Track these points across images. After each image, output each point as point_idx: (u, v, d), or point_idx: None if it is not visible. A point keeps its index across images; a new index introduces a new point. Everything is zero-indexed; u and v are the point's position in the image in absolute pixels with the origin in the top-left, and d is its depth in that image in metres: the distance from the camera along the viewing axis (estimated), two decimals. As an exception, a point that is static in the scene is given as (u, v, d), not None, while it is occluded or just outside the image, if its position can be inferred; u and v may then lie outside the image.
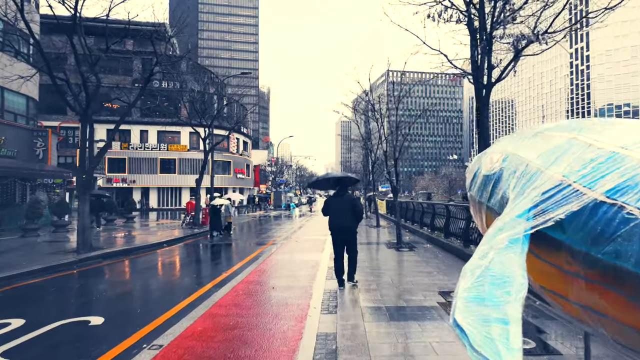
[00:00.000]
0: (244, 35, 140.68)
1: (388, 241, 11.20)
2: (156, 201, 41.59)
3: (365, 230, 15.11)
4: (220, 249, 12.00)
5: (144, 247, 11.82)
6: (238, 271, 7.54)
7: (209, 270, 8.46)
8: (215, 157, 44.36)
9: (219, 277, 7.15)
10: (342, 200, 6.03)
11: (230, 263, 8.53)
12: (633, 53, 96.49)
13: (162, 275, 8.02)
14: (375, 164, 16.07)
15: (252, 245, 12.14)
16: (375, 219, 19.99)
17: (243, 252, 10.74)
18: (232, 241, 13.92)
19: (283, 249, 10.54)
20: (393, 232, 13.89)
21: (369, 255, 9.07)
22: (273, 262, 8.47)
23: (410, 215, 14.62)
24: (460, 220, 8.75)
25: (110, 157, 40.28)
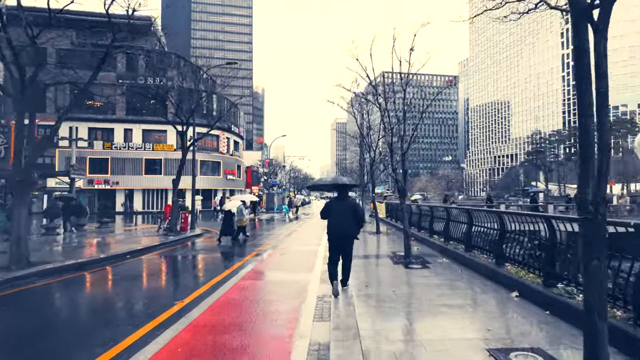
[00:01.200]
0: (237, 35, 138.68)
1: (393, 253, 9.23)
2: (141, 203, 39.36)
3: (363, 237, 13.13)
4: (188, 263, 9.97)
5: (99, 260, 9.74)
6: (189, 307, 5.42)
7: (149, 303, 6.16)
8: (204, 157, 42.36)
9: (147, 326, 5.08)
10: (343, 205, 5.86)
11: (187, 290, 6.47)
12: (631, 53, 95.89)
13: (87, 309, 5.94)
14: (374, 163, 14.12)
15: (228, 258, 10.12)
16: (373, 224, 18.03)
17: (213, 269, 8.73)
18: (208, 251, 11.90)
19: (264, 266, 8.53)
20: (397, 240, 11.94)
21: (369, 274, 7.11)
22: (244, 290, 6.37)
23: (416, 221, 12.68)
24: (490, 231, 6.80)
25: (92, 158, 38.05)
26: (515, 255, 5.86)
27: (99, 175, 37.99)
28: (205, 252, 11.66)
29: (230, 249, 12.37)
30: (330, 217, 5.82)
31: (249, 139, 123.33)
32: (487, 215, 6.98)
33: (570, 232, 4.69)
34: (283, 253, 10.27)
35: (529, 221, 5.71)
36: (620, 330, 3.20)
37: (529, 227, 5.72)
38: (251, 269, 8.13)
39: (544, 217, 5.00)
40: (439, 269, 7.19)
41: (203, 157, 41.02)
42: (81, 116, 37.83)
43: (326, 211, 5.92)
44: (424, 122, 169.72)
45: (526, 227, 5.83)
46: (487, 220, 6.99)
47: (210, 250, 12.12)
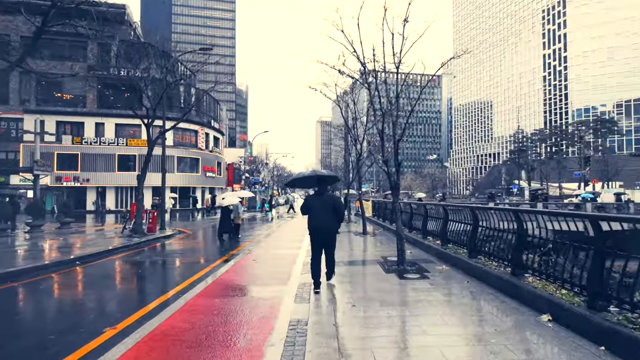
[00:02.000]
0: (220, 29, 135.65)
1: (383, 258, 7.97)
2: (114, 202, 37.20)
3: (348, 239, 11.86)
4: (143, 272, 8.48)
5: (33, 269, 8.16)
6: (118, 338, 4.05)
7: (72, 329, 4.76)
8: (181, 153, 40.42)
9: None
10: (322, 200, 5.75)
11: (126, 311, 5.06)
12: (609, 54, 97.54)
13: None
14: (360, 157, 12.85)
15: (192, 265, 8.70)
16: (359, 224, 16.79)
17: (170, 280, 7.34)
18: (173, 255, 10.43)
19: (230, 277, 7.13)
20: (386, 242, 10.70)
21: (356, 287, 5.81)
22: (195, 313, 4.90)
23: (407, 220, 11.45)
24: (503, 234, 5.59)
25: (60, 153, 35.71)
26: (541, 265, 4.65)
27: (68, 172, 35.69)
28: (168, 257, 10.18)
29: (197, 252, 10.92)
30: (311, 212, 5.72)
31: (232, 136, 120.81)
32: (499, 214, 5.76)
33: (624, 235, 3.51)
34: (256, 259, 8.87)
35: (556, 221, 4.50)
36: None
37: (554, 230, 4.52)
38: (214, 280, 6.74)
39: (592, 217, 3.78)
40: (441, 280, 5.95)
41: (180, 153, 39.13)
42: (48, 109, 35.43)
43: (306, 207, 5.81)
44: (408, 121, 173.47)
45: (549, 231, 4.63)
46: (498, 220, 5.78)
47: (176, 255, 10.65)
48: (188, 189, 40.48)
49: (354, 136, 13.07)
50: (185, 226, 20.84)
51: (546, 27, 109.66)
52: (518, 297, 4.67)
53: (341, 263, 7.55)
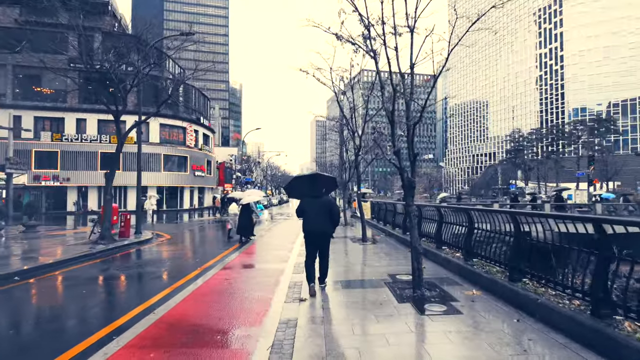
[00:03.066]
0: (213, 27, 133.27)
1: (391, 277, 6.27)
2: (97, 202, 35.14)
3: (345, 247, 10.16)
4: (91, 292, 6.70)
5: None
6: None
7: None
8: (168, 151, 38.44)
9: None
10: (318, 202, 5.65)
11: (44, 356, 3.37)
12: (605, 54, 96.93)
13: None
14: (359, 152, 11.14)
15: (148, 285, 6.96)
16: (357, 227, 15.10)
17: (121, 304, 5.60)
18: (136, 269, 8.67)
19: (191, 304, 5.40)
20: (392, 252, 9.01)
21: (356, 331, 4.08)
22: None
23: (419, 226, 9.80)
24: (579, 253, 3.91)
25: (38, 150, 33.62)
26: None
27: (47, 170, 33.62)
28: (128, 271, 8.41)
29: (165, 265, 9.16)
30: (306, 215, 5.64)
31: (225, 135, 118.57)
32: (566, 222, 4.09)
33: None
34: (228, 279, 7.09)
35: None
36: None
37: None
38: (171, 309, 5.01)
39: None
40: (481, 318, 4.24)
41: (167, 151, 37.18)
42: (26, 104, 33.33)
43: (301, 209, 5.71)
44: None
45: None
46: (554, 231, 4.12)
47: (139, 268, 8.88)
48: (176, 188, 38.54)
49: (351, 128, 11.38)
50: (168, 229, 19.04)
51: (542, 26, 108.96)
52: (616, 356, 3.00)
53: (337, 284, 5.86)
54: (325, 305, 4.83)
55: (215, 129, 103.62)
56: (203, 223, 23.57)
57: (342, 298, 5.17)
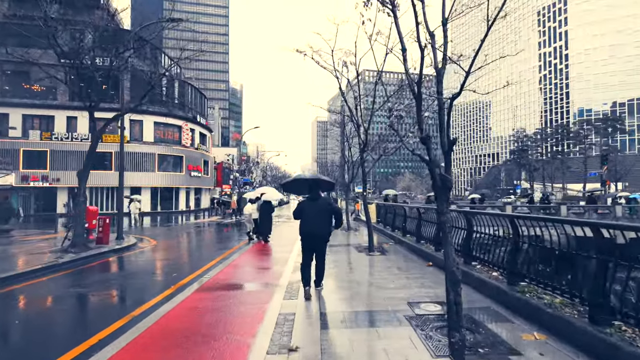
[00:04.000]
0: (213, 26, 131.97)
1: (412, 309, 4.78)
2: (88, 204, 33.61)
3: (348, 259, 8.66)
4: (33, 317, 5.21)
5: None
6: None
7: None
8: (163, 150, 36.90)
9: None
10: (316, 205, 5.63)
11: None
12: (611, 52, 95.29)
13: None
14: (365, 147, 9.62)
15: (97, 313, 5.49)
16: (360, 232, 13.59)
17: (63, 337, 4.11)
18: (102, 286, 7.15)
19: (152, 339, 3.92)
20: (408, 267, 7.45)
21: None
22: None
23: (431, 234, 8.28)
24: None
25: (27, 150, 32.19)
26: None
27: (36, 170, 32.19)
28: (86, 289, 6.91)
29: (138, 280, 7.67)
30: (303, 217, 5.60)
31: (225, 135, 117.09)
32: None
33: None
34: (200, 307, 5.52)
35: None
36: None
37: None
38: (126, 344, 3.53)
39: None
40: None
41: (162, 151, 35.71)
42: (13, 101, 31.89)
43: (299, 211, 5.65)
44: (405, 121, 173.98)
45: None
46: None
47: (103, 284, 7.37)
48: (171, 189, 37.06)
49: (356, 122, 9.87)
50: (157, 234, 17.55)
51: (546, 24, 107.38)
52: None
53: (339, 318, 4.36)
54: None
55: (215, 129, 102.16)
56: (198, 226, 22.08)
57: (345, 348, 3.64)
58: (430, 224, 8.39)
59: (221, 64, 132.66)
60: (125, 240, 14.28)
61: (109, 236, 13.34)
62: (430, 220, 8.45)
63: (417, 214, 9.28)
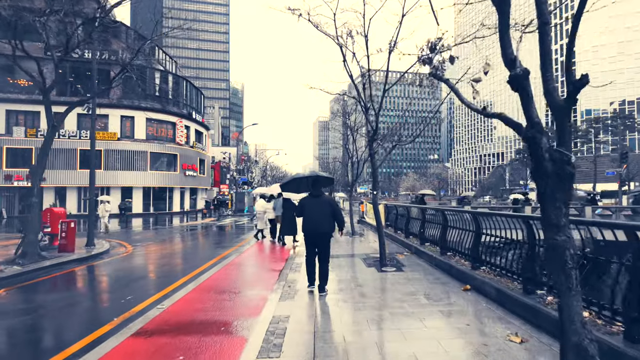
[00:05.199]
0: (213, 24, 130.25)
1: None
2: (75, 204, 31.88)
3: (352, 276, 6.75)
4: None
5: None
6: None
7: None
8: (156, 148, 34.97)
9: None
10: (318, 202, 5.60)
11: None
12: (619, 49, 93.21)
13: None
14: (376, 134, 7.71)
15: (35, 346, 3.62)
16: (366, 238, 11.64)
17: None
18: (30, 318, 5.26)
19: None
20: (438, 293, 5.41)
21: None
22: None
23: (454, 239, 6.36)
24: None
25: (11, 148, 30.41)
26: None
27: (20, 169, 30.35)
28: (13, 318, 5.03)
29: (82, 301, 5.73)
30: (305, 214, 5.56)
31: (226, 135, 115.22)
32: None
33: None
34: (148, 349, 3.68)
35: None
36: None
37: None
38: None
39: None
40: None
41: (155, 149, 33.85)
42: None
43: (300, 209, 5.65)
44: (407, 121, 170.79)
45: None
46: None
47: (43, 308, 5.46)
48: (164, 189, 35.20)
49: (364, 104, 7.94)
50: (140, 238, 15.66)
51: (552, 21, 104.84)
52: None
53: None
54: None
55: (215, 129, 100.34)
56: (189, 229, 20.19)
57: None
58: (464, 232, 6.44)
59: (221, 63, 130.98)
60: (97, 246, 12.44)
61: (75, 242, 11.48)
62: (464, 228, 6.50)
63: (441, 218, 7.34)
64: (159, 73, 35.41)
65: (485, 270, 5.61)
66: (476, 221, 5.90)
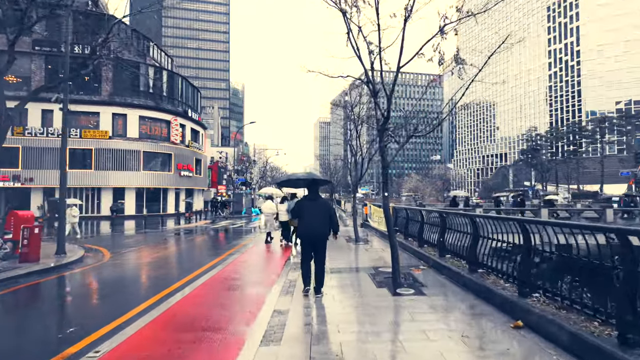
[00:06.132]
0: (213, 24, 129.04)
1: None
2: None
3: (357, 301, 5.33)
4: None
5: None
6: None
7: None
8: (149, 147, 33.42)
9: None
10: (315, 205, 5.62)
11: None
12: (626, 48, 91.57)
13: None
14: (387, 122, 6.28)
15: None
16: (371, 246, 10.14)
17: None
18: None
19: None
20: (486, 335, 3.94)
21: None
22: None
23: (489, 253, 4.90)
24: None
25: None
26: None
27: (7, 169, 28.98)
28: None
29: (16, 333, 4.28)
30: (302, 217, 5.56)
31: (226, 136, 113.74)
32: None
33: None
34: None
35: None
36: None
37: None
38: None
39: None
40: None
41: (148, 148, 32.43)
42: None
43: (297, 211, 5.65)
44: (409, 121, 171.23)
45: None
46: None
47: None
48: (158, 190, 33.78)
49: (372, 85, 6.49)
50: (118, 244, 14.22)
51: (557, 20, 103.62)
52: None
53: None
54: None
55: (214, 129, 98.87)
56: (179, 232, 18.76)
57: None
58: (506, 245, 4.97)
59: (221, 63, 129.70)
60: (68, 255, 11.01)
61: (40, 251, 10.04)
62: (505, 240, 5.04)
63: (470, 226, 5.86)
64: (153, 69, 34.04)
65: (539, 299, 4.15)
66: (525, 232, 4.44)
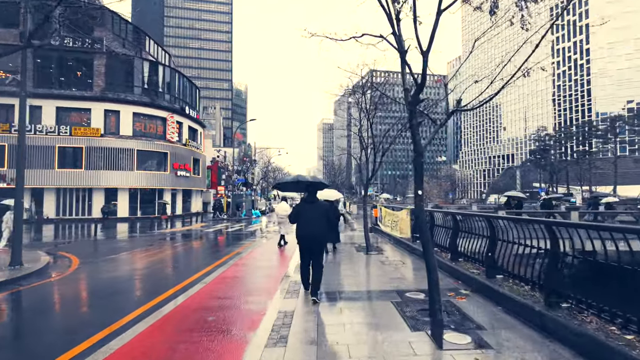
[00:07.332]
0: (215, 23, 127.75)
1: None
2: (54, 208, 28.83)
3: (378, 347, 3.48)
4: None
5: None
6: None
7: None
8: (143, 146, 31.62)
9: None
10: (313, 208, 5.57)
11: None
12: (636, 46, 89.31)
13: None
14: (423, 88, 4.48)
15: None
16: (383, 256, 8.22)
17: None
18: None
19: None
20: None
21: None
22: None
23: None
24: None
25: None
26: None
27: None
28: None
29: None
30: (300, 220, 5.56)
31: (228, 136, 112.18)
32: None
33: None
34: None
35: None
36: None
37: None
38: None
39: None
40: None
41: (142, 146, 30.71)
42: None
43: (295, 215, 5.62)
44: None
45: None
46: None
47: None
48: (154, 191, 32.05)
49: (400, 46, 4.67)
50: (96, 251, 12.45)
51: (565, 17, 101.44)
52: None
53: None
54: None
55: (216, 129, 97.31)
56: (170, 236, 16.97)
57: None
58: (608, 268, 3.15)
59: (224, 63, 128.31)
60: (26, 265, 9.26)
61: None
62: (603, 261, 3.23)
63: (544, 239, 4.02)
64: (149, 63, 32.36)
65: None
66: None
